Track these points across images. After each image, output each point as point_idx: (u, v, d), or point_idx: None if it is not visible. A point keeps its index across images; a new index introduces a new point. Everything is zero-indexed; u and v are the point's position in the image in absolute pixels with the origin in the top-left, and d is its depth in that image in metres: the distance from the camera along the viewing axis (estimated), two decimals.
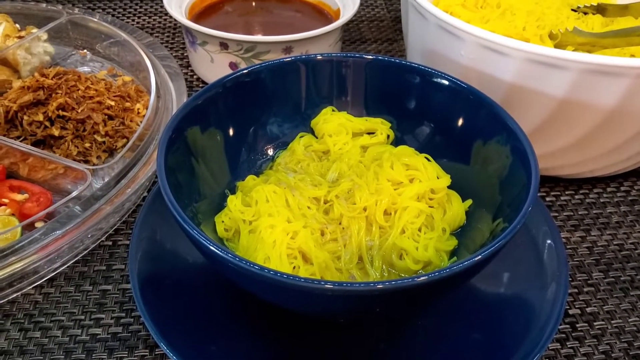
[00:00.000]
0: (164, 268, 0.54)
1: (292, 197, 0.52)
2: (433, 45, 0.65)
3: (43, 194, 0.63)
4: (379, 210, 0.51)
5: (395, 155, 0.56)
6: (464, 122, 0.55)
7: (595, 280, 0.59)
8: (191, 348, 0.47)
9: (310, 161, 0.58)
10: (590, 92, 0.56)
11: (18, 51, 0.78)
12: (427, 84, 0.57)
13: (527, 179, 0.45)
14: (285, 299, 0.44)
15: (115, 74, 0.83)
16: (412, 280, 0.38)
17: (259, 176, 0.58)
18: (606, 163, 0.65)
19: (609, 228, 0.64)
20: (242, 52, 0.78)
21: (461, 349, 0.49)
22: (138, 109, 0.74)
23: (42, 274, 0.56)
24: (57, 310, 0.55)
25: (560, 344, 0.53)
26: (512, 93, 0.59)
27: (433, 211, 0.52)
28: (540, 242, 0.55)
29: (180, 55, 0.92)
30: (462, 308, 0.52)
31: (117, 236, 0.62)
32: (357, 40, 0.97)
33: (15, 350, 0.51)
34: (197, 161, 0.54)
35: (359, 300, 0.40)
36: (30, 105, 0.69)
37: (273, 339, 0.49)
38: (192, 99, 0.53)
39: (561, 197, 0.68)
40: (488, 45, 0.58)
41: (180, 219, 0.43)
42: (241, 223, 0.51)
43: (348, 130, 0.60)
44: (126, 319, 0.54)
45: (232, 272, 0.42)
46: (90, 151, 0.68)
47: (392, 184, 0.53)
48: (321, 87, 0.61)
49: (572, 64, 0.54)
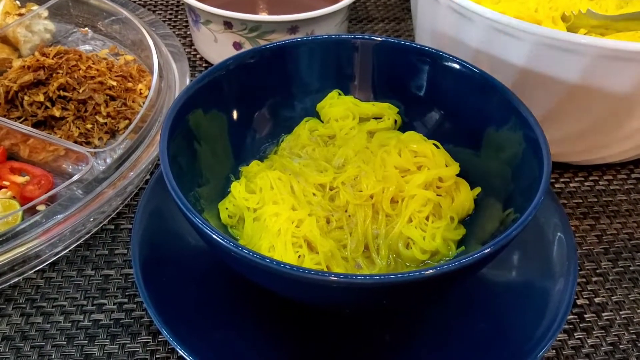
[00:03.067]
0: (167, 253, 0.53)
1: (297, 184, 0.51)
2: (442, 26, 0.64)
3: (44, 177, 0.62)
4: (385, 198, 0.50)
5: (403, 141, 0.54)
6: (474, 107, 0.54)
7: (604, 270, 0.58)
8: (194, 336, 0.47)
9: (315, 146, 0.57)
10: (604, 78, 0.55)
11: (18, 29, 0.76)
12: (437, 67, 0.56)
13: (539, 168, 0.44)
14: (289, 290, 0.43)
15: (117, 53, 0.81)
16: (420, 273, 0.37)
17: (264, 161, 0.57)
18: (618, 150, 0.64)
19: (619, 216, 0.63)
20: (246, 32, 0.76)
21: (469, 339, 0.48)
22: (140, 90, 0.73)
23: (43, 258, 0.56)
24: (59, 295, 0.54)
25: (567, 335, 0.52)
26: (523, 77, 0.58)
27: (441, 199, 0.51)
28: (549, 230, 0.54)
29: (183, 34, 0.90)
30: (469, 298, 0.51)
31: (119, 220, 0.61)
32: (363, 19, 0.95)
33: (17, 335, 0.51)
34: (200, 145, 0.53)
35: (364, 292, 0.39)
36: (31, 85, 0.68)
37: (277, 327, 0.49)
38: (195, 82, 0.52)
39: (570, 184, 0.67)
40: (499, 27, 0.56)
41: (182, 206, 0.42)
42: (245, 210, 0.50)
43: (355, 114, 0.58)
44: (129, 304, 0.54)
45: (234, 261, 0.42)
46: (92, 133, 0.67)
47: (399, 171, 0.52)
48: (327, 70, 0.60)
49: (586, 48, 0.53)
